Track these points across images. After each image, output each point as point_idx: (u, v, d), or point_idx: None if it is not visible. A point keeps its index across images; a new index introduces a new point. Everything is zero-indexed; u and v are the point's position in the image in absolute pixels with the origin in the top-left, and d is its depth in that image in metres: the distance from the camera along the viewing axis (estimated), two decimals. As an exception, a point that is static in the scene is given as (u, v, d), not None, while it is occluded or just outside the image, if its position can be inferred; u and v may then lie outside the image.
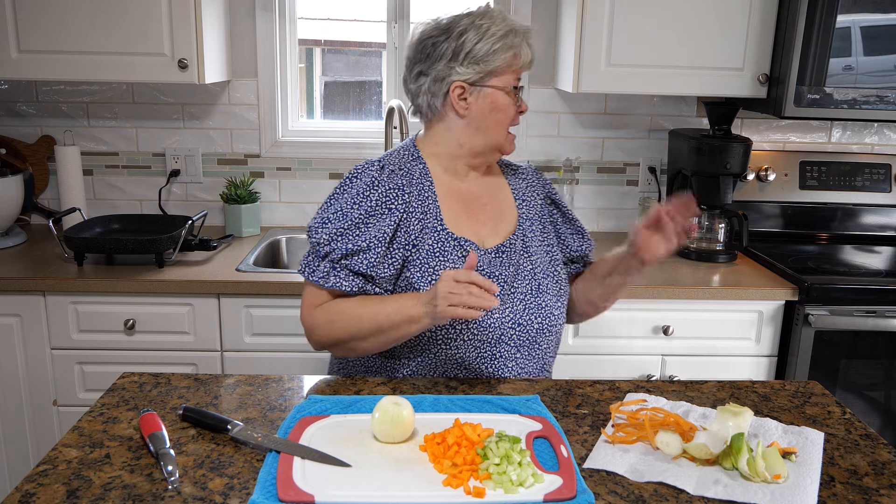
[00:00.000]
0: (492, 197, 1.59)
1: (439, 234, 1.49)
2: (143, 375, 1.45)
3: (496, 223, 1.57)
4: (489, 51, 1.47)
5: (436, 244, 1.48)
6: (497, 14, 1.51)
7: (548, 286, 1.55)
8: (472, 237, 1.52)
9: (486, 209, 1.57)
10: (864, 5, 2.19)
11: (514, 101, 1.52)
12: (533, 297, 1.52)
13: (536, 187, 1.66)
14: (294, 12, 2.68)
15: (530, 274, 1.54)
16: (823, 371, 2.17)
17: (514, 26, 1.50)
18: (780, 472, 1.11)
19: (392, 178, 1.49)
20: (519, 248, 1.55)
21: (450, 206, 1.53)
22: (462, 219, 1.53)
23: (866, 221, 2.67)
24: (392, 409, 1.18)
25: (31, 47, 2.22)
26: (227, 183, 2.62)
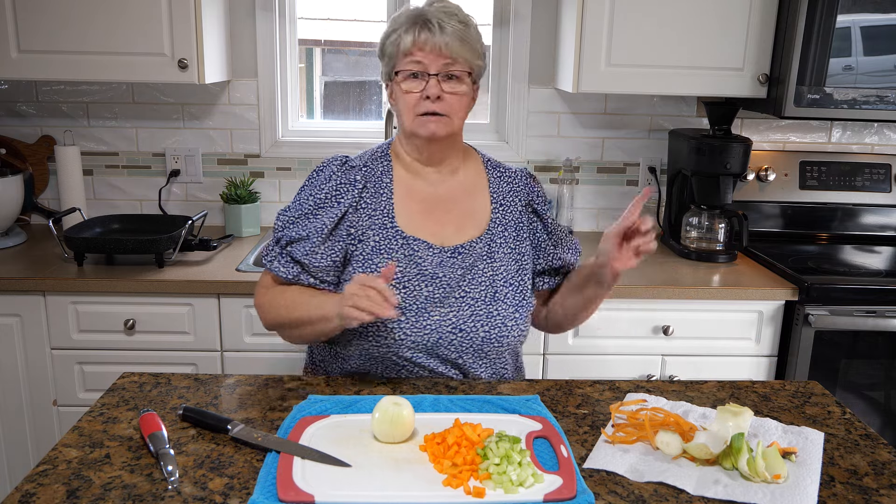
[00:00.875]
0: (463, 198, 1.57)
1: (387, 231, 1.50)
2: (143, 375, 1.45)
3: (462, 224, 1.54)
4: (386, 41, 1.50)
5: (381, 241, 1.49)
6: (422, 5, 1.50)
7: (506, 295, 1.51)
8: (429, 237, 1.51)
9: (454, 210, 1.55)
10: (864, 5, 2.19)
11: (412, 85, 1.47)
12: (484, 305, 1.48)
13: (521, 193, 1.61)
14: (294, 12, 2.68)
15: (487, 280, 1.50)
16: (823, 371, 2.17)
17: (413, 11, 1.47)
18: (780, 472, 1.11)
19: (348, 172, 1.54)
20: (481, 252, 1.52)
21: (406, 204, 1.53)
22: (419, 218, 1.52)
23: (866, 221, 2.67)
24: (392, 409, 1.18)
25: (31, 47, 2.22)
26: (227, 183, 2.62)
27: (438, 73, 1.45)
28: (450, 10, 1.47)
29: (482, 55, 1.52)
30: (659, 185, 2.73)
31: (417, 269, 1.48)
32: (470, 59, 1.47)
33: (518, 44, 2.61)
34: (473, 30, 1.49)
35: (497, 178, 1.61)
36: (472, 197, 1.57)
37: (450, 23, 1.44)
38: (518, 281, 1.53)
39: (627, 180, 2.75)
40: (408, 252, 1.49)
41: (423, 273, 1.48)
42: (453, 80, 1.47)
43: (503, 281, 1.51)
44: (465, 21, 1.47)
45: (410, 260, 1.48)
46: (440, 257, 1.50)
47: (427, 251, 1.50)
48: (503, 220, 1.57)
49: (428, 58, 1.45)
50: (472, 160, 1.63)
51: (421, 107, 1.46)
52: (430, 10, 1.46)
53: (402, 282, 1.47)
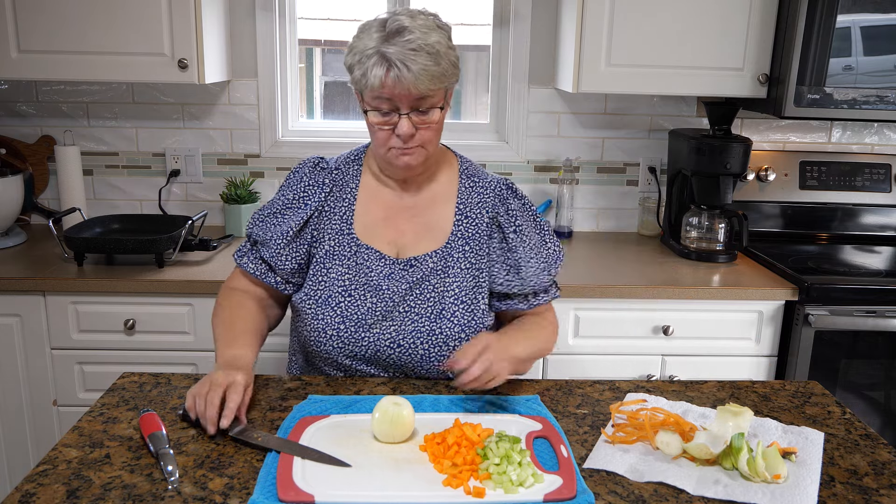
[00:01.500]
0: (427, 207, 1.51)
1: (343, 238, 1.48)
2: (143, 375, 1.45)
3: (421, 235, 1.49)
4: (353, 69, 1.39)
5: (336, 246, 1.48)
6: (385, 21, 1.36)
7: (454, 313, 1.44)
8: (385, 246, 1.48)
9: (415, 220, 1.50)
10: (864, 5, 2.19)
11: (382, 122, 1.39)
12: (428, 322, 1.43)
13: (489, 205, 1.51)
14: (294, 12, 2.67)
15: (437, 295, 1.45)
16: (823, 371, 2.17)
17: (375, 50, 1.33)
18: (780, 472, 1.11)
19: (318, 174, 1.53)
20: (434, 266, 1.46)
21: (368, 211, 1.50)
22: (378, 226, 1.50)
23: (866, 221, 2.67)
24: (392, 409, 1.18)
25: (31, 47, 2.22)
26: (227, 183, 2.62)
27: (409, 112, 1.37)
28: (416, 45, 1.33)
29: (457, 67, 1.41)
30: (659, 184, 2.73)
31: (365, 278, 1.46)
32: (442, 87, 1.38)
33: (518, 44, 2.61)
34: (444, 54, 1.36)
35: (468, 189, 1.52)
36: (437, 207, 1.51)
37: (417, 61, 1.32)
38: (472, 299, 1.46)
39: (627, 180, 2.75)
40: (358, 261, 1.46)
41: (370, 283, 1.45)
42: (425, 113, 1.39)
43: (454, 298, 1.45)
44: (433, 51, 1.34)
45: (359, 269, 1.46)
46: (390, 269, 1.46)
47: (377, 262, 1.47)
48: (465, 233, 1.49)
49: (397, 97, 1.35)
50: (448, 167, 1.55)
51: (394, 142, 1.40)
52: (392, 49, 1.32)
53: (347, 290, 1.45)
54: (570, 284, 2.09)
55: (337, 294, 1.45)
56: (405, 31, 1.34)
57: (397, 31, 1.34)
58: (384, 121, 1.39)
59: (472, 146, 2.66)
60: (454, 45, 1.42)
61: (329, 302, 1.45)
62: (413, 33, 1.33)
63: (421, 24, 1.36)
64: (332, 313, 1.45)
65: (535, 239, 1.51)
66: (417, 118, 1.38)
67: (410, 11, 1.39)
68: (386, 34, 1.34)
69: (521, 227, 1.50)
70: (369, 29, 1.38)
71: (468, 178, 1.54)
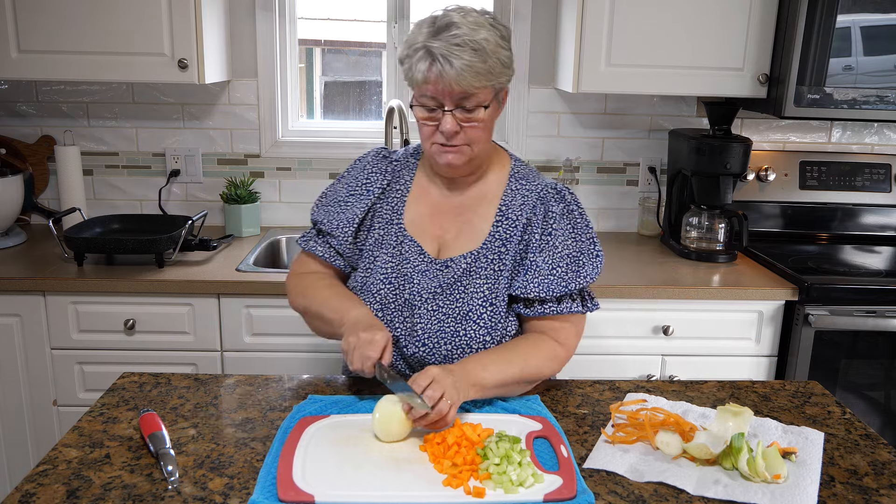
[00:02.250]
0: (471, 208, 1.49)
1: (392, 227, 1.50)
2: (143, 375, 1.45)
3: (462, 234, 1.48)
4: (403, 62, 1.40)
5: (385, 235, 1.50)
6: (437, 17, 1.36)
7: (481, 315, 1.41)
8: (428, 242, 1.48)
9: (459, 218, 1.49)
10: (864, 5, 2.19)
11: (427, 118, 1.39)
12: (453, 323, 1.42)
13: (527, 208, 1.46)
14: (294, 12, 2.67)
15: (466, 297, 1.42)
16: (823, 371, 2.17)
17: (422, 43, 1.34)
18: (780, 472, 1.11)
19: (380, 163, 1.55)
20: (467, 268, 1.44)
21: (417, 206, 1.51)
22: (425, 222, 1.50)
23: (866, 221, 2.67)
24: (392, 408, 1.18)
25: (31, 47, 2.22)
26: (227, 183, 2.62)
27: (453, 109, 1.36)
28: (461, 40, 1.32)
29: (507, 66, 1.40)
30: (659, 184, 2.73)
31: (404, 270, 1.47)
32: (488, 85, 1.36)
33: (518, 44, 2.61)
34: (491, 51, 1.34)
35: (513, 191, 1.49)
36: (482, 207, 1.49)
37: (461, 56, 1.31)
38: (500, 302, 1.43)
39: (627, 180, 2.75)
40: (402, 251, 1.48)
41: (407, 276, 1.46)
42: (470, 111, 1.37)
43: (482, 300, 1.42)
44: (479, 47, 1.32)
45: (402, 259, 1.48)
46: (426, 266, 1.46)
47: (417, 256, 1.47)
48: (502, 235, 1.46)
49: (441, 93, 1.35)
50: (500, 168, 1.53)
51: (438, 138, 1.40)
52: (438, 43, 1.32)
53: (389, 278, 1.46)
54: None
55: (379, 281, 1.46)
56: (453, 26, 1.33)
57: (446, 27, 1.33)
58: (429, 116, 1.39)
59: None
60: (508, 45, 1.40)
61: (371, 288, 1.46)
62: (460, 28, 1.32)
63: (471, 20, 1.34)
64: (371, 299, 1.46)
65: (568, 248, 1.43)
66: (462, 116, 1.37)
67: (463, 8, 1.37)
68: (435, 29, 1.34)
69: (555, 231, 1.44)
70: (422, 24, 1.38)
71: (517, 181, 1.50)
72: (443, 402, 1.19)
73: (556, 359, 1.42)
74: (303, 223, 2.69)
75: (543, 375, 1.41)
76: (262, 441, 1.21)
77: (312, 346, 2.15)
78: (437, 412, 1.18)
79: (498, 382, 1.32)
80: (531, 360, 1.38)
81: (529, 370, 1.37)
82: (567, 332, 1.45)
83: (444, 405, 1.18)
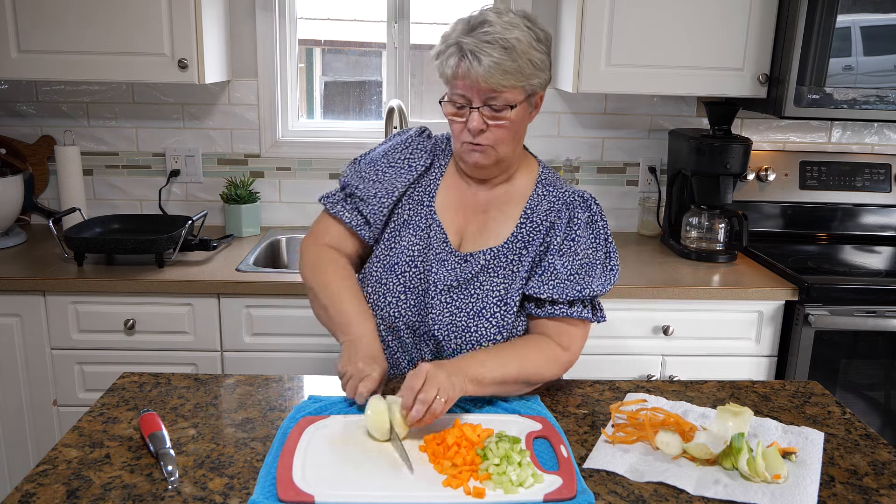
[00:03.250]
0: (497, 207, 1.50)
1: (422, 209, 1.50)
2: (143, 375, 1.45)
3: (485, 231, 1.48)
4: (437, 58, 1.41)
5: (413, 216, 1.49)
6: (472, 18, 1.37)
7: (494, 313, 1.42)
8: (452, 233, 1.48)
9: (484, 216, 1.50)
10: (864, 5, 2.19)
11: (455, 114, 1.40)
12: (465, 318, 1.42)
13: (552, 213, 1.46)
14: (294, 12, 2.68)
15: (480, 293, 1.43)
16: (823, 371, 2.17)
17: (454, 39, 1.35)
18: (780, 472, 1.11)
19: (425, 142, 1.55)
20: (486, 265, 1.44)
21: (446, 193, 1.52)
22: (451, 210, 1.50)
23: (866, 221, 2.67)
24: (382, 406, 1.19)
25: (31, 47, 2.22)
26: (227, 183, 2.62)
27: (481, 106, 1.36)
28: (491, 37, 1.32)
29: (541, 69, 1.38)
30: (659, 184, 2.73)
31: (431, 253, 1.46)
32: (518, 85, 1.36)
33: (518, 44, 2.61)
34: (522, 51, 1.34)
35: (540, 196, 1.49)
36: (507, 208, 1.49)
37: (490, 54, 1.31)
38: (514, 302, 1.43)
39: (627, 180, 2.75)
40: (430, 234, 1.48)
41: (429, 264, 1.46)
42: (498, 110, 1.37)
43: (497, 299, 1.42)
44: (509, 45, 1.32)
45: (429, 242, 1.47)
46: (446, 255, 1.46)
47: (441, 243, 1.47)
48: (524, 237, 1.46)
49: (469, 90, 1.36)
50: (528, 172, 1.53)
51: (465, 136, 1.41)
52: (468, 40, 1.33)
53: (415, 261, 1.46)
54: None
55: (404, 262, 1.46)
56: (486, 24, 1.34)
57: (479, 24, 1.35)
58: (457, 112, 1.40)
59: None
60: (543, 48, 1.39)
61: (395, 269, 1.46)
62: (493, 27, 1.33)
63: (506, 20, 1.35)
64: (395, 280, 1.45)
65: (587, 257, 1.43)
66: (489, 114, 1.37)
67: (499, 9, 1.38)
68: (469, 27, 1.36)
69: (579, 237, 1.43)
70: (459, 21, 1.39)
71: (544, 187, 1.50)
72: (437, 401, 1.18)
73: (557, 362, 1.40)
74: (303, 223, 2.69)
75: (543, 377, 1.39)
76: (262, 441, 1.21)
77: (312, 346, 2.15)
78: (430, 413, 1.17)
79: (495, 379, 1.31)
80: (530, 359, 1.37)
81: (528, 370, 1.35)
82: (571, 336, 1.43)
83: (439, 403, 1.18)
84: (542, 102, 1.47)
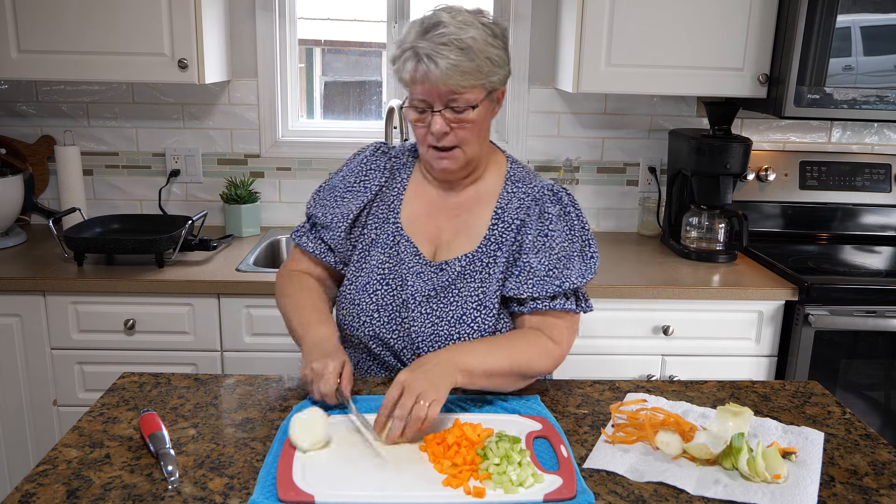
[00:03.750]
0: (468, 209, 1.48)
1: (388, 226, 1.49)
2: (143, 375, 1.45)
3: (458, 235, 1.47)
4: (394, 62, 1.38)
5: (381, 234, 1.48)
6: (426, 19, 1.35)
7: (475, 318, 1.40)
8: (424, 243, 1.47)
9: (456, 219, 1.48)
10: (864, 5, 2.19)
11: (417, 119, 1.38)
12: (447, 327, 1.40)
13: (523, 210, 1.45)
14: (294, 12, 2.67)
15: (460, 300, 1.41)
16: (823, 371, 2.17)
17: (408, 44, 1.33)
18: (780, 472, 1.11)
19: (378, 158, 1.54)
20: (462, 271, 1.43)
21: (413, 204, 1.50)
22: (421, 221, 1.49)
23: (866, 221, 2.67)
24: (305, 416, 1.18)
25: (31, 47, 2.22)
26: (227, 183, 2.62)
27: (443, 109, 1.35)
28: (446, 39, 1.30)
29: (499, 65, 1.37)
30: (659, 184, 2.73)
31: (401, 270, 1.45)
32: (477, 84, 1.34)
33: (518, 44, 2.61)
34: (479, 50, 1.32)
35: (510, 194, 1.47)
36: (479, 208, 1.48)
37: (447, 56, 1.29)
38: (494, 304, 1.41)
39: (627, 180, 2.75)
40: (399, 251, 1.47)
41: (403, 278, 1.45)
42: (460, 112, 1.36)
43: (476, 303, 1.41)
44: (465, 45, 1.30)
45: (399, 259, 1.46)
46: (420, 268, 1.45)
47: (412, 257, 1.45)
48: (498, 238, 1.44)
49: (429, 94, 1.34)
50: (496, 168, 1.51)
51: (430, 140, 1.39)
52: (424, 43, 1.31)
53: (385, 279, 1.45)
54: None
55: (375, 281, 1.45)
56: (440, 25, 1.32)
57: (433, 26, 1.32)
58: (419, 118, 1.38)
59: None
60: (500, 43, 1.37)
61: (367, 288, 1.45)
62: (447, 28, 1.31)
63: (460, 20, 1.33)
64: (368, 300, 1.45)
65: (564, 250, 1.41)
66: (451, 116, 1.36)
67: (454, 8, 1.36)
68: (422, 29, 1.34)
69: (551, 233, 1.42)
70: (413, 24, 1.37)
71: (513, 183, 1.49)
72: (418, 406, 1.16)
73: (549, 355, 1.39)
74: (303, 223, 2.69)
75: (535, 370, 1.37)
76: (262, 441, 1.21)
77: (312, 346, 2.15)
78: (415, 418, 1.16)
79: (486, 370, 1.29)
80: (521, 350, 1.35)
81: (520, 362, 1.34)
82: (560, 330, 1.42)
83: (421, 410, 1.16)
84: (503, 97, 1.46)
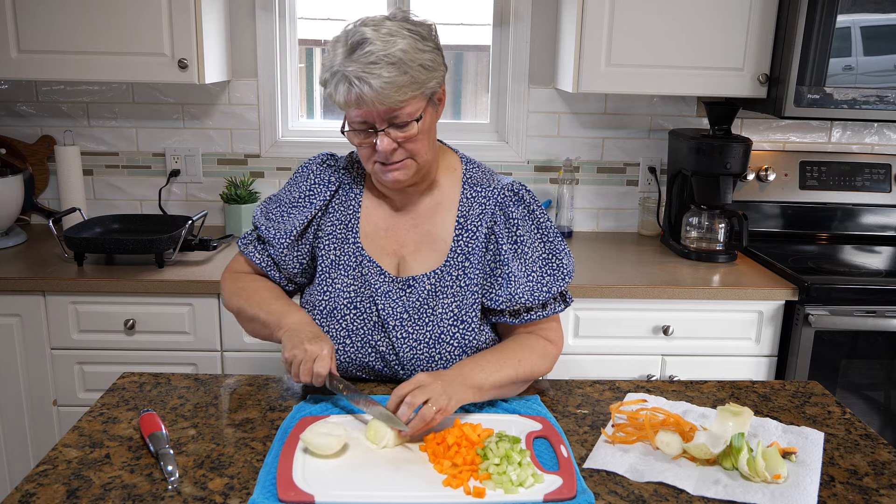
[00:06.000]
0: (428, 217, 1.43)
1: (348, 247, 1.43)
2: (143, 375, 1.45)
3: (421, 248, 1.42)
4: (325, 86, 1.32)
5: (342, 256, 1.43)
6: (349, 34, 1.28)
7: (453, 335, 1.38)
8: (386, 259, 1.42)
9: (416, 230, 1.43)
10: (864, 5, 2.19)
11: (361, 141, 1.32)
12: (426, 347, 1.38)
13: (488, 216, 1.40)
14: (294, 12, 2.68)
15: (435, 318, 1.38)
16: (823, 371, 2.17)
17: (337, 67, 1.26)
18: (780, 472, 1.11)
19: (325, 172, 1.47)
20: (432, 289, 1.39)
21: (371, 221, 1.45)
22: (381, 237, 1.44)
23: (866, 221, 2.67)
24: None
25: (31, 47, 2.22)
26: (227, 183, 2.62)
27: (386, 127, 1.29)
28: (375, 57, 1.24)
29: (434, 69, 1.31)
30: (659, 184, 2.73)
31: (368, 292, 1.41)
32: (416, 94, 1.28)
33: (518, 44, 2.61)
34: (410, 60, 1.26)
35: (469, 199, 1.42)
36: (439, 216, 1.43)
37: (379, 74, 1.23)
38: (470, 317, 1.38)
39: (627, 180, 2.75)
40: (363, 272, 1.41)
41: (372, 299, 1.40)
42: (403, 127, 1.30)
43: (452, 319, 1.38)
44: (396, 60, 1.24)
45: (364, 281, 1.41)
46: (388, 287, 1.40)
47: (378, 277, 1.41)
48: (464, 248, 1.40)
49: (368, 115, 1.28)
50: (451, 172, 1.46)
51: (378, 158, 1.33)
52: (351, 66, 1.24)
53: (353, 302, 1.41)
54: (570, 284, 2.09)
55: (343, 307, 1.41)
56: (366, 42, 1.25)
57: (358, 44, 1.26)
58: (363, 140, 1.32)
59: (471, 146, 2.65)
60: (430, 45, 1.31)
61: (335, 314, 1.41)
62: (374, 44, 1.24)
63: (385, 32, 1.26)
64: (337, 326, 1.41)
65: (539, 251, 1.40)
66: (396, 133, 1.30)
67: (376, 20, 1.29)
68: (348, 49, 1.27)
69: (522, 237, 1.39)
70: (336, 43, 1.30)
71: (471, 188, 1.43)
72: (427, 407, 1.17)
73: (548, 357, 1.41)
74: (303, 223, 2.69)
75: (537, 374, 1.39)
76: (262, 441, 1.21)
77: (312, 346, 2.15)
78: (419, 418, 1.16)
79: (494, 383, 1.31)
80: (525, 359, 1.36)
81: (524, 370, 1.35)
82: (554, 330, 1.45)
83: (429, 411, 1.16)
84: (444, 95, 1.40)
